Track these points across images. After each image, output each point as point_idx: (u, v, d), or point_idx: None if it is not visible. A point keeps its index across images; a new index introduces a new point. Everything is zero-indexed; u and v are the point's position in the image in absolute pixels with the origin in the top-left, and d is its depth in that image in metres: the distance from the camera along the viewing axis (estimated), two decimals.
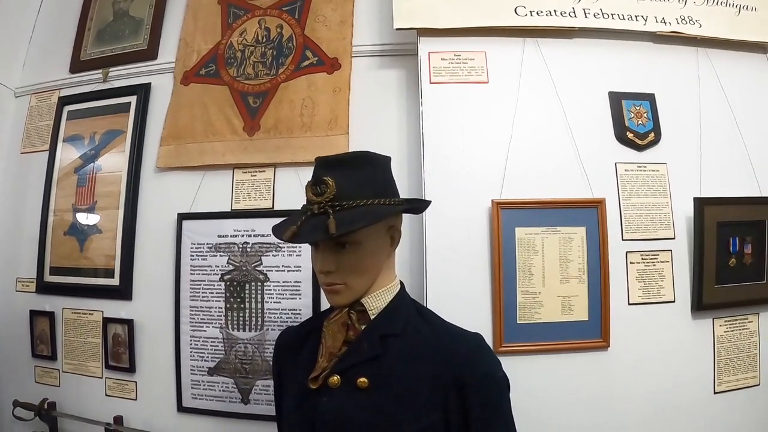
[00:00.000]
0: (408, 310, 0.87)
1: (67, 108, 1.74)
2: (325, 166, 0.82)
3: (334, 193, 0.78)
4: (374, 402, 0.77)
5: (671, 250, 1.44)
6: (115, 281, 1.57)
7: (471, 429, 0.77)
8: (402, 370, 0.79)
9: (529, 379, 1.30)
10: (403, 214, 0.93)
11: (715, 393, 1.45)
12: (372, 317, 0.84)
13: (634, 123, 1.47)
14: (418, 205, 0.99)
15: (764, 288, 1.50)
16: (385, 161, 0.88)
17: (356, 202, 0.78)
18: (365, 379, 0.78)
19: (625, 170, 1.44)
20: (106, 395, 1.60)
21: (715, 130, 1.51)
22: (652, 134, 1.48)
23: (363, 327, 0.83)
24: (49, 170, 1.72)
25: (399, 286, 0.90)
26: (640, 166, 1.45)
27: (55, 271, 1.68)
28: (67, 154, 1.71)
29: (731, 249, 1.47)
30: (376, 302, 0.84)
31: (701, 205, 1.43)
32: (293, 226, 0.79)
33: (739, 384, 1.47)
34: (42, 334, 1.69)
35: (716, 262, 1.44)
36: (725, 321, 1.47)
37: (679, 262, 1.44)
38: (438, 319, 0.88)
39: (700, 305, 1.42)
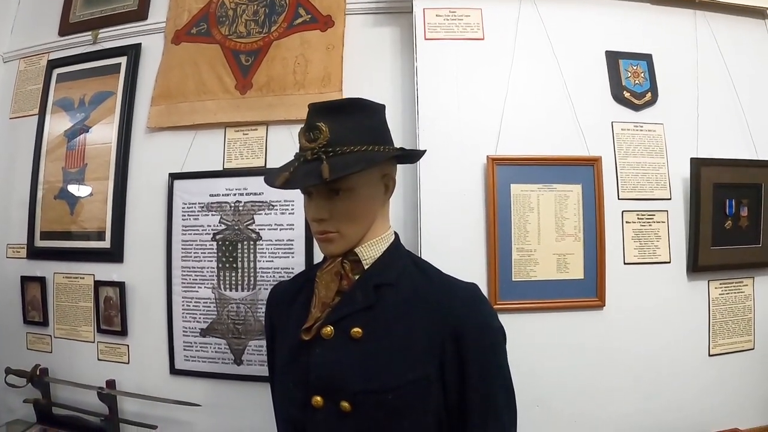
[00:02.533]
0: (403, 260, 0.85)
1: (57, 71, 1.72)
2: (318, 112, 0.79)
3: (327, 138, 0.75)
4: (369, 352, 0.75)
5: (667, 211, 1.43)
6: (106, 244, 1.55)
7: (467, 379, 0.75)
8: (397, 320, 0.77)
9: (524, 337, 1.30)
10: (398, 167, 0.91)
11: (709, 356, 1.45)
12: (366, 267, 0.81)
13: (631, 82, 1.45)
14: (413, 153, 0.97)
15: (760, 251, 1.49)
16: (379, 108, 0.86)
17: (350, 148, 0.76)
18: (359, 329, 0.76)
19: (622, 129, 1.43)
20: (99, 359, 1.59)
21: (712, 93, 1.49)
22: (649, 94, 1.46)
23: (357, 277, 0.81)
24: (39, 134, 1.70)
25: (393, 236, 0.87)
26: (637, 126, 1.44)
27: (45, 235, 1.66)
28: (57, 118, 1.69)
29: (727, 211, 1.46)
30: (370, 251, 0.82)
31: (698, 165, 1.42)
32: (285, 173, 0.77)
33: (733, 347, 1.47)
34: (33, 300, 1.68)
35: (712, 224, 1.44)
36: (720, 284, 1.46)
37: (674, 224, 1.43)
38: (433, 269, 0.86)
39: (696, 267, 1.42)
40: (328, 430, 0.75)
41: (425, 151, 0.98)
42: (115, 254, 1.54)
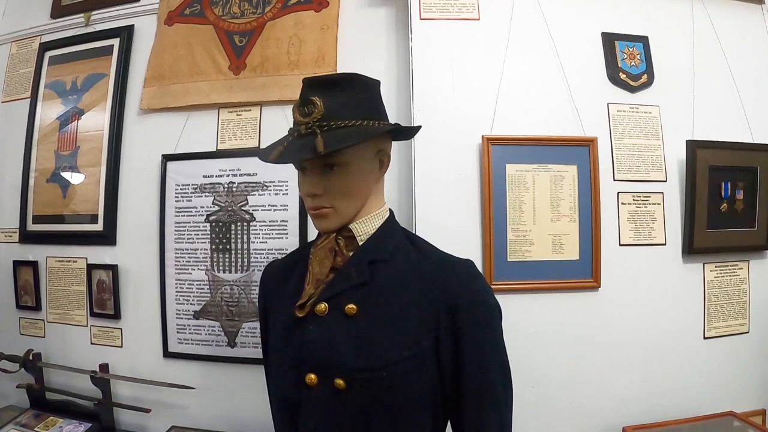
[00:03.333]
0: (397, 236, 0.84)
1: (49, 54, 1.70)
2: (312, 86, 0.78)
3: (321, 113, 0.74)
4: (363, 329, 0.74)
5: (663, 193, 1.43)
6: (98, 227, 1.54)
7: (462, 355, 0.74)
8: (391, 296, 0.76)
9: (519, 318, 1.29)
10: (393, 146, 0.90)
11: (704, 338, 1.45)
12: (360, 243, 0.81)
13: (627, 64, 1.45)
14: (408, 129, 0.96)
15: (755, 235, 1.49)
16: (374, 84, 0.85)
17: (344, 123, 0.75)
18: (354, 306, 0.75)
19: (618, 111, 1.42)
20: (92, 344, 1.58)
21: (708, 76, 1.49)
22: (645, 76, 1.46)
23: (351, 253, 0.80)
24: (31, 117, 1.68)
25: (388, 212, 0.87)
26: (633, 107, 1.43)
27: (38, 219, 1.65)
28: (49, 100, 1.67)
29: (723, 194, 1.46)
30: (364, 228, 0.81)
31: (694, 147, 1.41)
32: (279, 147, 0.76)
33: (728, 330, 1.48)
34: (26, 284, 1.67)
35: (708, 206, 1.44)
36: (716, 267, 1.47)
37: (670, 206, 1.44)
38: (428, 245, 0.85)
39: (692, 249, 1.42)
40: (322, 408, 0.74)
41: (420, 126, 0.97)
42: (108, 237, 1.53)
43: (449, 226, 1.30)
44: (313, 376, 0.74)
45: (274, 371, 0.88)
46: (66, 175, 1.61)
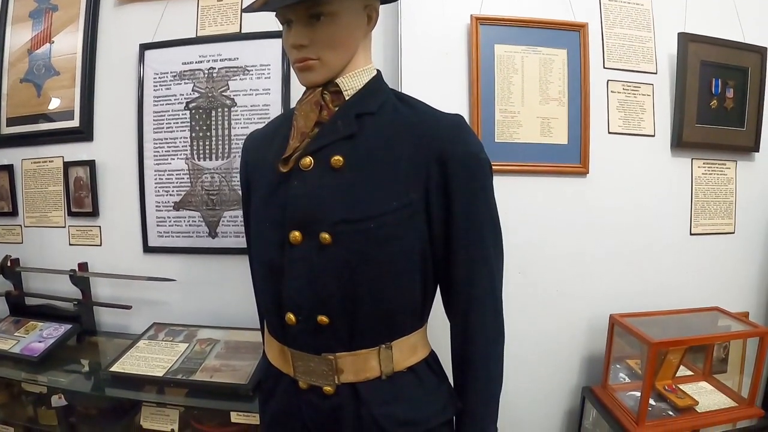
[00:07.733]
0: (385, 92, 0.81)
1: None
2: None
3: None
4: (350, 181, 0.71)
5: (653, 85, 1.41)
6: (75, 123, 1.49)
7: (452, 206, 0.72)
8: (379, 149, 0.73)
9: (506, 200, 1.25)
10: (380, 18, 0.85)
11: (691, 234, 1.45)
12: (347, 98, 0.77)
13: None
14: None
15: (744, 135, 1.49)
16: None
17: None
18: (340, 158, 0.72)
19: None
20: (70, 245, 1.54)
21: None
22: None
23: (337, 108, 0.77)
24: (2, 18, 1.61)
25: (375, 71, 0.83)
26: None
27: (12, 121, 1.59)
28: None
29: (713, 90, 1.45)
30: (351, 82, 0.77)
31: (686, 40, 1.39)
32: None
33: (714, 229, 1.48)
34: (2, 189, 1.62)
35: (698, 101, 1.42)
36: (704, 163, 1.46)
37: (660, 99, 1.42)
38: (417, 101, 0.82)
39: (680, 142, 1.41)
40: (308, 266, 0.71)
41: None
42: (84, 132, 1.48)
43: (436, 105, 1.26)
44: (297, 233, 0.71)
45: (257, 236, 0.84)
46: (40, 72, 1.55)
